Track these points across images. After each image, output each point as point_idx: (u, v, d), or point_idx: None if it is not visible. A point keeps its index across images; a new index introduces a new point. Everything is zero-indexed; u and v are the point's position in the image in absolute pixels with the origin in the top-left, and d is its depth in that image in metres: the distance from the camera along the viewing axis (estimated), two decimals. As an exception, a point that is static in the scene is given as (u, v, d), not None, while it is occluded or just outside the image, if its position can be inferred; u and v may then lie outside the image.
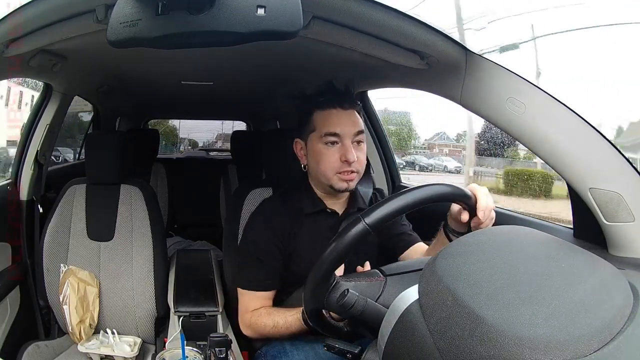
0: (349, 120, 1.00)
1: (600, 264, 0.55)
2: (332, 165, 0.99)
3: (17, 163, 1.49)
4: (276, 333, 1.03)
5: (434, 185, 0.71)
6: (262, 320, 1.04)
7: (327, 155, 0.99)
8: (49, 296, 1.37)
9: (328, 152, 0.99)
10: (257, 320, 1.05)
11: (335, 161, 0.99)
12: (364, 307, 0.66)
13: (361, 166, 1.01)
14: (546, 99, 0.79)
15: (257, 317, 1.06)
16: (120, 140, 1.48)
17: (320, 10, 0.75)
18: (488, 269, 0.52)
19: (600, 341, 0.44)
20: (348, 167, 0.98)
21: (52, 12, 0.80)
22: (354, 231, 0.65)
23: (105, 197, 1.45)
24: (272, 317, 1.02)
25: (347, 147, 0.98)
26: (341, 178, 0.99)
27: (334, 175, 1.00)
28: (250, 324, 1.06)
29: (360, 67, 1.24)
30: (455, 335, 0.47)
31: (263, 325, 1.03)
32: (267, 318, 1.03)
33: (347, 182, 0.99)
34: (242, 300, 1.09)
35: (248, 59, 1.36)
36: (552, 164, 0.80)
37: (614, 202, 0.75)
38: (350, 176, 0.99)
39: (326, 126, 0.99)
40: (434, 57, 0.87)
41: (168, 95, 2.18)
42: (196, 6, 0.58)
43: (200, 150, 5.55)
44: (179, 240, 2.46)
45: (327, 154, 0.99)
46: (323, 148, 1.00)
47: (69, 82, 1.44)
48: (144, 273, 1.39)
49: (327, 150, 0.99)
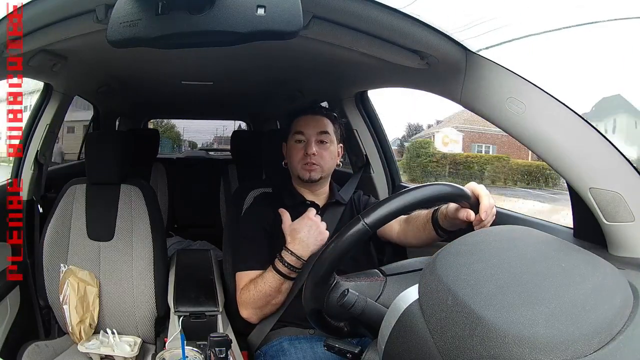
0: (314, 123, 1.19)
1: (600, 264, 0.55)
2: (298, 158, 1.19)
3: (17, 163, 1.48)
4: (262, 297, 1.09)
5: (434, 185, 0.72)
6: (249, 292, 1.10)
7: (295, 150, 1.19)
8: (49, 296, 1.37)
9: (296, 147, 1.19)
10: (246, 295, 1.11)
11: (300, 155, 1.18)
12: (364, 307, 0.66)
13: (323, 161, 1.18)
14: (546, 99, 0.79)
15: (245, 292, 1.12)
16: (120, 140, 1.48)
17: (320, 10, 0.75)
18: (488, 269, 0.52)
19: (600, 341, 0.44)
20: (309, 159, 1.17)
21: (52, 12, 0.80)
22: (353, 231, 0.66)
23: (105, 197, 1.44)
24: (254, 283, 1.10)
25: (308, 143, 1.18)
26: (304, 168, 1.18)
27: (300, 167, 1.18)
28: (242, 302, 1.13)
29: (360, 67, 1.24)
30: (455, 335, 0.47)
31: (250, 295, 1.10)
32: (252, 286, 1.10)
33: (309, 172, 1.18)
34: (238, 285, 1.16)
35: (248, 59, 1.36)
36: (552, 164, 0.80)
37: (614, 202, 0.75)
38: (311, 167, 1.17)
39: (296, 127, 1.20)
40: (434, 57, 0.87)
41: (168, 95, 2.18)
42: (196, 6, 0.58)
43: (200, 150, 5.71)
44: (179, 240, 2.46)
45: (295, 149, 1.19)
46: (293, 145, 1.20)
47: (69, 82, 1.44)
48: (144, 273, 1.39)
49: (295, 146, 1.20)
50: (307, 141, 1.18)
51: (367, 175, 1.59)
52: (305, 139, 1.18)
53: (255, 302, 1.10)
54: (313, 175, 1.18)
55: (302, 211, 1.19)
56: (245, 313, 1.13)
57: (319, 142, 1.18)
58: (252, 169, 2.15)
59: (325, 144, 1.19)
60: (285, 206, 1.20)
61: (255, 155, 1.75)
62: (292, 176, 1.25)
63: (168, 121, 6.48)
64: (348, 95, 1.56)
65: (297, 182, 1.23)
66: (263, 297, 1.08)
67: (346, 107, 1.58)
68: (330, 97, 1.64)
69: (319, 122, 1.20)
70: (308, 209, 1.11)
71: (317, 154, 1.17)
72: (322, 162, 1.18)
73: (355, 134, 1.59)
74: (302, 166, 1.18)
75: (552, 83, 0.79)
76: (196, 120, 4.68)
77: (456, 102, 0.92)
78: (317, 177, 1.18)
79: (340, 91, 1.56)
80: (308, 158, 1.17)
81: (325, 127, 1.20)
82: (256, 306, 1.11)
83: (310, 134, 1.18)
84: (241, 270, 1.16)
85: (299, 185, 1.24)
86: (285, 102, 2.03)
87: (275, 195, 1.27)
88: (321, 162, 1.18)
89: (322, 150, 1.18)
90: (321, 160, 1.18)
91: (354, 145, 1.62)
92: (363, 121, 1.60)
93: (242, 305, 1.13)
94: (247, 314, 1.13)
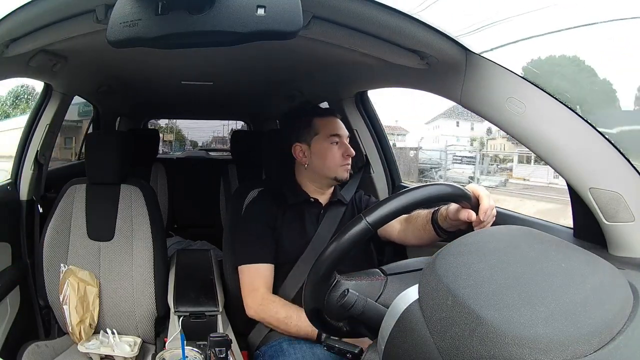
0: (342, 126, 1.26)
1: (600, 264, 0.55)
2: (337, 159, 1.21)
3: (17, 163, 1.48)
4: (281, 325, 1.08)
5: (434, 185, 0.72)
6: (276, 307, 1.10)
7: (333, 151, 1.21)
8: (49, 296, 1.37)
9: (333, 149, 1.21)
10: (271, 305, 1.10)
11: (339, 156, 1.21)
12: (364, 307, 0.66)
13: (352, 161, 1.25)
14: (546, 99, 0.79)
15: (270, 302, 1.11)
16: (120, 140, 1.48)
17: (320, 10, 0.75)
18: (488, 269, 0.52)
19: (600, 341, 0.44)
20: (349, 160, 1.23)
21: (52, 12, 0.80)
22: (355, 229, 0.65)
23: (105, 197, 1.44)
24: (288, 310, 1.09)
25: (346, 145, 1.23)
26: (345, 169, 1.22)
27: (339, 168, 1.21)
28: (261, 305, 1.12)
29: (360, 67, 1.24)
30: (455, 335, 0.47)
31: (275, 312, 1.09)
32: (282, 308, 1.10)
33: (347, 172, 1.23)
34: (244, 279, 1.16)
35: (248, 59, 1.36)
36: (552, 164, 0.80)
37: (614, 202, 0.75)
38: (349, 167, 1.24)
39: (330, 129, 1.22)
40: (434, 56, 0.87)
41: (168, 95, 2.18)
42: (196, 6, 0.58)
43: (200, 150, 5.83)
44: (179, 240, 2.46)
45: (332, 150, 1.21)
46: (329, 147, 1.21)
47: (69, 82, 1.44)
48: (144, 273, 1.39)
49: (332, 147, 1.21)
50: (342, 144, 1.22)
51: (367, 175, 1.59)
52: (340, 141, 1.22)
53: (271, 321, 1.11)
54: (347, 175, 1.24)
55: (306, 209, 1.23)
56: (252, 313, 1.14)
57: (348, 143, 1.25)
58: (252, 169, 2.15)
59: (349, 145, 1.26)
60: (289, 204, 1.22)
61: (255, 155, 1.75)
62: (315, 177, 1.24)
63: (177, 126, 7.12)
64: (348, 95, 1.56)
65: (320, 181, 1.24)
66: (282, 326, 1.09)
67: (346, 107, 1.58)
68: (330, 97, 1.64)
69: (342, 125, 1.26)
70: None
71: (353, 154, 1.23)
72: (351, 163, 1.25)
73: (355, 134, 1.59)
74: (341, 167, 1.21)
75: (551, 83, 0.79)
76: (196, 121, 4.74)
77: (456, 102, 0.92)
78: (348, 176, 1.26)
79: (340, 91, 1.56)
80: (348, 159, 1.22)
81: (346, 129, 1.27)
82: (267, 322, 1.13)
83: (343, 135, 1.23)
84: (245, 263, 1.17)
85: (310, 183, 1.25)
86: (285, 102, 2.03)
87: (277, 193, 1.27)
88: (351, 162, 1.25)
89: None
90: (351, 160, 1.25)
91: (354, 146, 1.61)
92: (363, 121, 1.60)
93: (257, 307, 1.13)
94: (254, 315, 1.14)
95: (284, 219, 1.21)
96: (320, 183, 1.25)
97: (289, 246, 1.19)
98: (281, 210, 1.22)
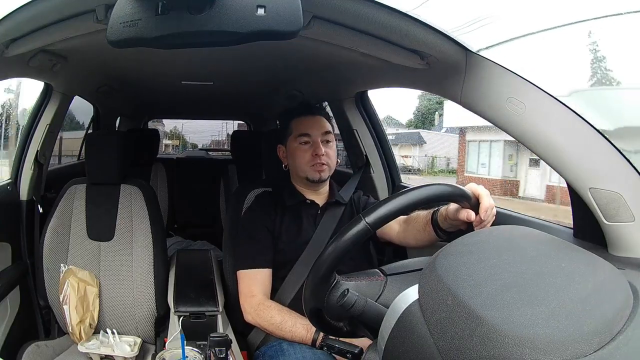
0: (317, 123, 1.21)
1: (600, 264, 0.55)
2: (305, 160, 1.19)
3: (17, 163, 1.48)
4: (276, 331, 1.08)
5: (434, 185, 0.72)
6: (271, 313, 1.09)
7: (302, 152, 1.20)
8: (49, 296, 1.37)
9: (302, 149, 1.20)
10: (266, 311, 1.10)
11: (308, 156, 1.19)
12: (364, 307, 0.66)
13: (331, 160, 1.21)
14: (546, 99, 0.79)
15: (266, 307, 1.11)
16: (120, 140, 1.48)
17: (320, 10, 0.75)
18: (488, 269, 0.52)
19: (600, 341, 0.43)
20: (319, 160, 1.18)
21: (52, 12, 0.80)
22: (354, 230, 0.65)
23: (105, 197, 1.44)
24: (283, 316, 1.08)
25: (316, 144, 1.19)
26: (314, 169, 1.19)
27: (308, 168, 1.19)
28: (256, 310, 1.11)
29: (360, 67, 1.24)
30: (456, 335, 0.47)
31: (270, 317, 1.09)
32: (277, 313, 1.09)
33: (319, 173, 1.19)
34: (242, 285, 1.16)
35: (248, 59, 1.36)
36: (552, 164, 0.80)
37: (614, 202, 0.75)
38: (321, 167, 1.19)
39: (299, 129, 1.21)
40: (434, 56, 0.87)
41: (168, 95, 2.18)
42: (196, 6, 0.58)
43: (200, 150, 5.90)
44: (179, 240, 2.46)
45: (301, 150, 1.20)
46: (298, 147, 1.21)
47: (69, 82, 1.44)
48: (144, 273, 1.39)
49: (301, 148, 1.20)
50: (313, 142, 1.19)
51: (367, 175, 1.59)
52: (312, 140, 1.19)
53: (266, 327, 1.11)
54: (323, 175, 1.20)
55: (303, 210, 1.22)
56: (249, 318, 1.14)
57: (324, 142, 1.20)
58: (252, 169, 2.15)
59: (330, 143, 1.22)
60: (286, 206, 1.21)
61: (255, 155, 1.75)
62: (296, 177, 1.25)
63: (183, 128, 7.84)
64: (348, 95, 1.56)
65: (302, 182, 1.24)
66: (277, 331, 1.09)
67: (346, 107, 1.58)
68: (330, 97, 1.64)
69: (321, 123, 1.22)
70: None
71: (325, 154, 1.19)
72: (329, 162, 1.21)
73: (355, 134, 1.59)
74: (310, 167, 1.19)
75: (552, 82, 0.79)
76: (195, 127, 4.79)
77: (456, 102, 0.92)
78: (326, 177, 1.22)
79: (340, 91, 1.56)
80: (317, 159, 1.18)
81: (327, 126, 1.23)
82: (263, 327, 1.12)
83: (316, 134, 1.20)
84: (243, 268, 1.17)
85: (301, 185, 1.25)
86: (285, 102, 2.03)
87: (275, 194, 1.27)
88: (329, 161, 1.21)
89: (328, 150, 1.21)
90: (329, 159, 1.20)
91: (354, 145, 1.62)
92: (363, 121, 1.60)
93: (253, 312, 1.13)
94: (251, 320, 1.14)
95: (282, 221, 1.21)
96: (302, 184, 1.24)
97: (287, 248, 1.19)
98: (280, 212, 1.22)
